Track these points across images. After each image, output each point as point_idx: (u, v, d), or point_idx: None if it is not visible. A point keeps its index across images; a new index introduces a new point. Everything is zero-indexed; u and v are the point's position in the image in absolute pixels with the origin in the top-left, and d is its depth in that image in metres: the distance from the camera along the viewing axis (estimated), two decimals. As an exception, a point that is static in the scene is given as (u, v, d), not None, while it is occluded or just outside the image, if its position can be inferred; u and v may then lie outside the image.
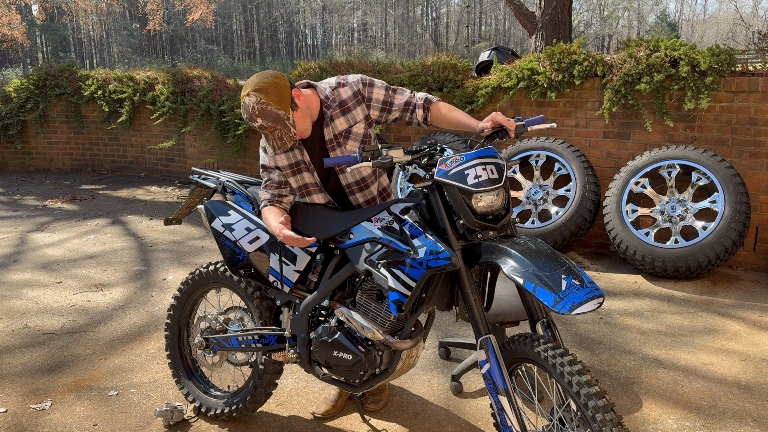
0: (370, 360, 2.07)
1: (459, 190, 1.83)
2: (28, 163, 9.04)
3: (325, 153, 2.25)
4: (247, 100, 2.05)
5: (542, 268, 1.68)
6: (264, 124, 2.05)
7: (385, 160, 1.86)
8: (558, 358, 1.70)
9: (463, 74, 5.54)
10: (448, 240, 1.89)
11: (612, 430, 1.60)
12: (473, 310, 1.88)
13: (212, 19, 19.26)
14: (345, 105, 2.21)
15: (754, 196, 4.34)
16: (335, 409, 2.61)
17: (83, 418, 2.62)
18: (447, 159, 1.88)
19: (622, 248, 4.27)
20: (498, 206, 1.85)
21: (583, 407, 1.63)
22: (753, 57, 7.25)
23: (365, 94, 2.22)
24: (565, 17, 7.02)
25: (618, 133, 4.83)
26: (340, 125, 2.21)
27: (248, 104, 2.05)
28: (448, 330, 3.46)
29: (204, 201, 2.68)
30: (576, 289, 1.63)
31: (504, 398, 1.80)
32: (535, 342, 1.78)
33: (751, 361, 3.05)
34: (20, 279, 4.40)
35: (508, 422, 1.80)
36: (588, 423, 1.63)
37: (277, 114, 2.04)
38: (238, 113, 6.84)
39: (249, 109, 2.05)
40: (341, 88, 2.22)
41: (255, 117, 2.04)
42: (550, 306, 1.61)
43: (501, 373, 1.82)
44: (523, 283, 1.67)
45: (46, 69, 8.58)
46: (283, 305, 2.34)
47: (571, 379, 1.66)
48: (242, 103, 2.07)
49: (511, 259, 1.73)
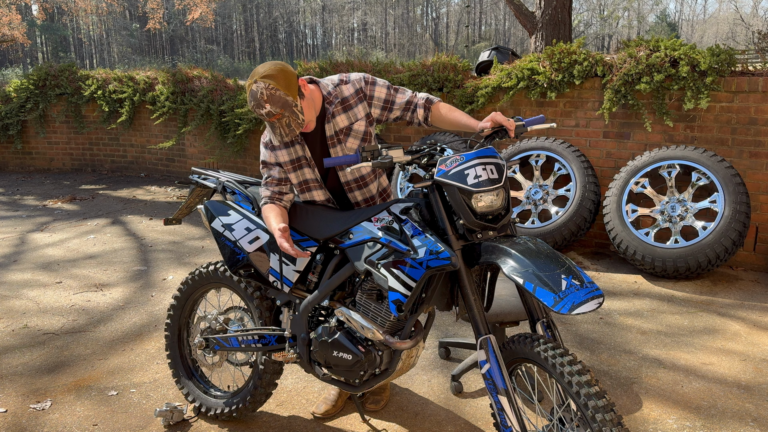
0: (370, 360, 2.08)
1: (459, 190, 1.83)
2: (28, 163, 9.04)
3: (326, 149, 2.24)
4: (254, 87, 2.02)
5: (542, 268, 1.68)
6: (272, 110, 2.01)
7: (385, 160, 1.86)
8: (558, 358, 1.71)
9: (463, 74, 5.54)
10: (448, 240, 1.89)
11: (612, 430, 1.59)
12: (473, 310, 1.88)
13: (212, 19, 19.26)
14: (347, 102, 2.21)
15: (754, 196, 4.34)
16: (335, 409, 2.61)
17: (83, 418, 2.62)
18: (447, 159, 1.88)
19: (622, 248, 4.27)
20: (498, 206, 1.85)
21: (583, 407, 1.63)
22: (753, 57, 7.25)
23: (367, 92, 2.23)
24: (565, 17, 7.02)
25: (618, 133, 4.83)
26: (341, 122, 2.21)
27: (256, 91, 2.01)
28: (448, 330, 3.46)
29: (204, 201, 2.68)
30: (576, 289, 1.63)
31: (504, 398, 1.80)
32: (535, 342, 1.78)
33: (751, 361, 3.05)
34: (20, 279, 4.40)
35: (508, 422, 1.80)
36: (588, 423, 1.64)
37: (286, 100, 2.01)
38: (238, 113, 6.84)
39: (257, 95, 2.01)
40: (343, 85, 2.22)
41: (263, 103, 2.00)
42: (549, 306, 1.61)
43: (501, 373, 1.82)
44: (523, 283, 1.67)
45: (46, 69, 8.58)
46: (283, 305, 2.34)
47: (570, 379, 1.66)
48: (249, 91, 2.04)
49: (511, 259, 1.73)
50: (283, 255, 2.28)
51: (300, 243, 2.26)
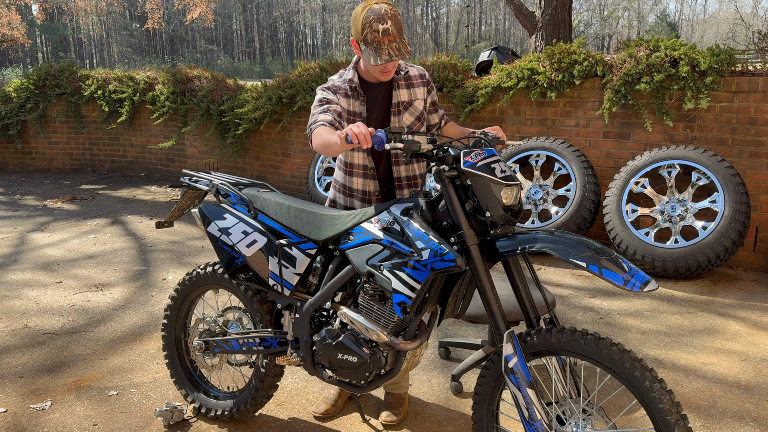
0: (375, 361, 2.07)
1: (491, 182, 1.84)
2: (28, 163, 9.04)
3: (385, 116, 2.35)
4: (375, 6, 2.11)
5: (599, 252, 1.71)
6: (391, 29, 2.10)
7: (414, 145, 1.88)
8: (600, 341, 1.73)
9: (463, 74, 5.54)
10: (463, 235, 1.88)
11: (670, 397, 1.65)
12: (492, 305, 1.87)
13: (211, 18, 19.25)
14: (410, 80, 2.37)
15: (754, 196, 4.34)
16: (335, 409, 2.61)
17: (83, 418, 2.62)
18: (471, 152, 1.89)
19: (622, 248, 4.27)
20: (517, 202, 1.88)
21: (640, 381, 1.66)
22: (753, 57, 7.25)
23: (430, 80, 2.44)
24: (565, 17, 7.02)
25: (618, 133, 4.83)
26: (403, 95, 2.34)
27: (379, 8, 2.10)
28: (448, 330, 3.46)
29: (196, 203, 2.63)
30: (636, 271, 1.68)
31: (532, 391, 1.80)
32: (564, 332, 1.79)
33: (751, 361, 3.05)
34: (20, 279, 4.40)
35: (538, 415, 1.80)
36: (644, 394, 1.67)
37: (402, 26, 2.13)
38: (238, 113, 6.84)
39: (380, 11, 2.10)
40: (410, 67, 2.40)
41: (386, 19, 2.09)
42: (621, 285, 1.64)
43: (526, 366, 1.82)
44: (587, 266, 1.68)
45: (46, 69, 8.58)
46: (284, 308, 2.32)
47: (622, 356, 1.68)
48: (368, 8, 2.11)
49: (562, 246, 1.74)
50: (282, 258, 2.26)
51: (299, 245, 2.24)
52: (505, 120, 5.33)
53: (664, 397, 1.63)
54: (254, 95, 6.89)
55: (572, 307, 3.79)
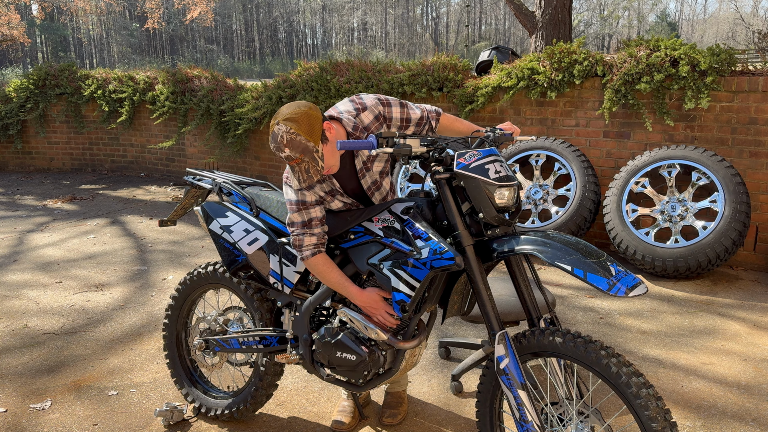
0: (374, 360, 2.07)
1: (483, 183, 1.84)
2: (28, 162, 9.04)
3: (357, 181, 2.20)
4: (276, 129, 1.97)
5: (587, 255, 1.70)
6: (291, 155, 1.96)
7: (405, 149, 1.84)
8: (589, 344, 1.72)
9: (463, 74, 5.54)
10: (458, 236, 1.88)
11: (657, 403, 1.64)
12: (486, 305, 1.87)
13: (211, 18, 19.25)
14: (369, 131, 2.17)
15: (754, 196, 4.34)
16: (355, 421, 2.54)
17: (83, 418, 2.62)
18: (465, 153, 1.89)
19: (622, 248, 4.27)
20: (513, 203, 1.88)
21: (625, 386, 1.65)
22: (753, 57, 7.25)
23: (386, 114, 2.19)
24: (565, 17, 7.02)
25: (618, 132, 4.83)
26: (363, 153, 2.17)
27: (277, 133, 1.96)
28: (448, 330, 3.46)
29: (199, 202, 2.66)
30: (625, 274, 1.67)
31: (524, 393, 1.80)
32: (556, 333, 1.78)
33: (751, 361, 3.05)
34: (20, 279, 4.40)
35: (529, 417, 1.80)
36: (631, 400, 1.66)
37: (306, 145, 1.95)
38: (238, 113, 6.84)
39: (277, 138, 1.96)
40: (362, 113, 2.16)
41: (283, 147, 1.95)
42: (605, 290, 1.62)
43: (519, 368, 1.82)
44: (572, 269, 1.67)
45: (45, 69, 8.58)
46: (284, 306, 2.33)
47: (608, 362, 1.68)
48: (271, 132, 1.99)
49: (550, 249, 1.73)
50: (283, 256, 2.27)
51: None
52: (505, 120, 5.32)
53: (651, 404, 1.62)
54: (254, 95, 6.89)
55: (572, 307, 3.79)
